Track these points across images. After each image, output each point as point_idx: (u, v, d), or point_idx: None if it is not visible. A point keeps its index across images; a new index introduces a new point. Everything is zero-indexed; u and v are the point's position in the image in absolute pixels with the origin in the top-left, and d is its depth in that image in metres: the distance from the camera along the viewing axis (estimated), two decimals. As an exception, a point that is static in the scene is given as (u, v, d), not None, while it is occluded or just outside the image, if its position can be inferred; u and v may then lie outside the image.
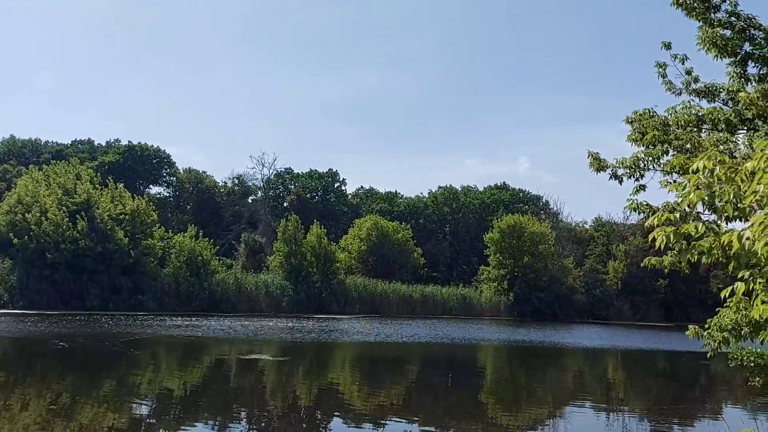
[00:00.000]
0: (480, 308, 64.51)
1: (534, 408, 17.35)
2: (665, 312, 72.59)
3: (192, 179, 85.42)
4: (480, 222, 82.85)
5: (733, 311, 8.63)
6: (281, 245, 57.18)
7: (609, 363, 30.31)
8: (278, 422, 13.66)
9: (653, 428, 15.16)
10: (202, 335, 31.34)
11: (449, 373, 23.68)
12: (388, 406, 15.99)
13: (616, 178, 9.78)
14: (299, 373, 21.79)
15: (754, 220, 3.05)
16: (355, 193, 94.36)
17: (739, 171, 3.38)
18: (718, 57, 9.00)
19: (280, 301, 53.45)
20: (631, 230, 79.49)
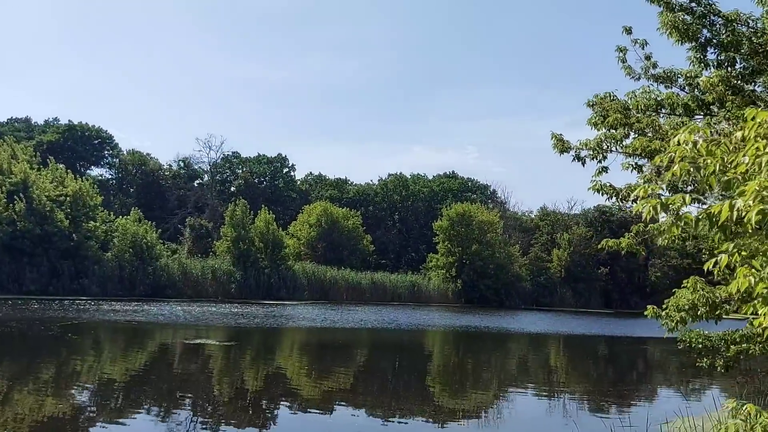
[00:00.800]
0: (428, 295, 65.26)
1: (479, 392, 17.71)
2: (605, 299, 75.05)
3: (136, 161, 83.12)
4: (429, 210, 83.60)
5: (690, 292, 8.99)
6: (229, 230, 56.38)
7: (552, 348, 31.16)
8: (224, 409, 13.54)
9: (592, 411, 15.69)
10: (146, 320, 30.70)
11: (397, 359, 23.91)
12: (335, 392, 16.04)
13: (579, 160, 9.97)
14: (246, 358, 21.61)
15: (747, 189, 3.14)
16: (304, 179, 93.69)
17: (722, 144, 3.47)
18: (679, 42, 9.24)
19: (227, 287, 52.79)
20: (575, 220, 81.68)
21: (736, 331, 9.45)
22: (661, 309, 9.52)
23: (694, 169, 3.48)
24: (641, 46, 10.06)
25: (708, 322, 9.17)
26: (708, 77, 8.85)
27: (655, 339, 35.10)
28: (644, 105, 9.62)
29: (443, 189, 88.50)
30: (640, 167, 9.83)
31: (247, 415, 13.11)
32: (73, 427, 11.34)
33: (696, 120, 9.54)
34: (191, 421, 12.14)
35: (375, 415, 13.88)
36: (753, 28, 8.90)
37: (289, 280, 56.26)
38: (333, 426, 12.50)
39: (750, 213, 3.00)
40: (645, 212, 3.77)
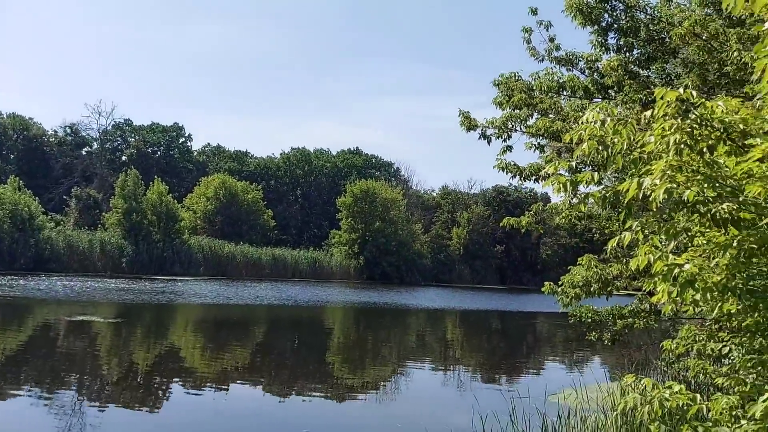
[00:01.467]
0: (330, 271, 65.30)
1: (378, 367, 17.90)
2: (500, 276, 78.30)
3: (17, 126, 76.94)
4: (332, 186, 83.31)
5: (585, 269, 9.39)
6: (119, 201, 53.56)
7: (449, 323, 32.06)
8: (112, 388, 12.85)
9: (487, 382, 16.27)
10: (22, 295, 28.63)
11: (296, 336, 23.72)
12: (231, 370, 15.65)
13: (485, 138, 10.09)
14: (136, 336, 20.66)
15: (655, 168, 3.19)
16: (201, 150, 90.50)
17: (629, 123, 3.51)
18: (583, 25, 9.48)
19: (117, 261, 50.33)
20: (474, 199, 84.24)
21: (625, 306, 10.03)
22: (557, 285, 9.91)
23: (602, 148, 3.53)
24: (546, 28, 10.28)
25: (600, 297, 9.66)
26: (608, 61, 9.18)
27: (545, 313, 36.98)
28: (547, 86, 9.87)
29: (347, 165, 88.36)
30: (542, 147, 10.11)
31: (137, 395, 12.52)
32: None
33: (594, 102, 9.90)
34: (77, 402, 11.42)
35: (273, 393, 13.68)
36: (650, 15, 9.30)
37: (184, 254, 54.43)
38: (229, 404, 12.18)
39: (657, 191, 3.06)
40: (555, 189, 3.81)
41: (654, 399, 3.47)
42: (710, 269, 3.37)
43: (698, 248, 3.64)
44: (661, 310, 8.06)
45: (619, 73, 8.86)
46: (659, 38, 9.03)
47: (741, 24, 7.50)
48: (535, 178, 9.49)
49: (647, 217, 3.64)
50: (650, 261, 3.43)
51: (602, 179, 3.86)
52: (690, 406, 3.50)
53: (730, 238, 3.23)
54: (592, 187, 3.97)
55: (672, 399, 3.49)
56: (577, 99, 9.96)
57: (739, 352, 4.63)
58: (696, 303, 3.51)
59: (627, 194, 3.30)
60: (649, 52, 9.14)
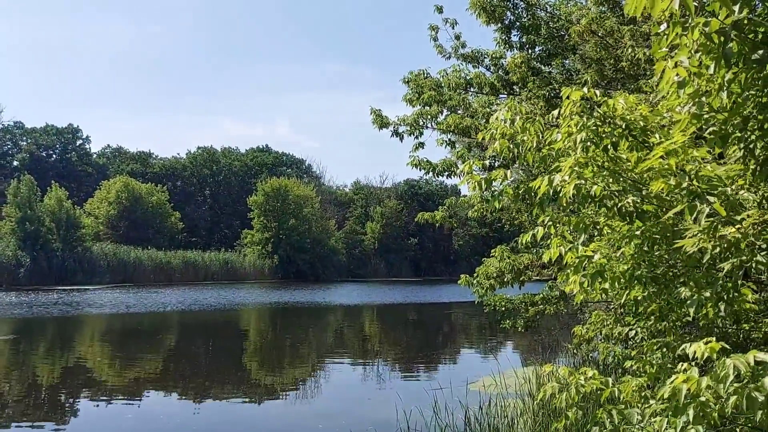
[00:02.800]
0: (244, 272, 64.08)
1: (296, 366, 17.74)
2: (415, 268, 79.59)
3: None
4: (242, 185, 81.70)
5: (498, 260, 9.65)
6: (12, 210, 50.15)
7: (366, 318, 32.22)
8: (14, 407, 12.02)
9: (404, 374, 16.46)
10: None
11: (210, 340, 23.11)
12: (143, 380, 15.04)
13: (398, 135, 10.16)
14: (37, 352, 19.43)
15: (564, 165, 3.30)
16: (101, 153, 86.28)
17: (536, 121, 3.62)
18: (487, 23, 9.71)
19: (13, 273, 47.17)
20: (387, 193, 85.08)
21: (536, 294, 10.42)
22: (472, 277, 10.16)
23: (513, 145, 3.64)
24: (451, 26, 10.48)
25: (513, 287, 9.99)
26: (513, 58, 9.48)
27: (459, 303, 37.87)
28: (455, 83, 10.07)
29: (257, 163, 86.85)
30: (453, 143, 10.31)
31: (42, 411, 11.81)
32: None
33: (501, 99, 10.20)
34: (-31, 429, 10.60)
35: (188, 399, 13.27)
36: (550, 13, 9.68)
37: (87, 262, 51.78)
38: (142, 414, 11.70)
39: (567, 188, 3.19)
40: (470, 187, 3.89)
41: (571, 386, 3.62)
42: (616, 259, 3.55)
43: (603, 239, 3.82)
44: (569, 296, 8.45)
45: (522, 69, 9.18)
46: (559, 35, 9.43)
47: (633, 22, 7.95)
48: (448, 173, 9.67)
49: (558, 213, 3.79)
50: (561, 253, 3.58)
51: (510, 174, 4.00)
52: (603, 390, 3.68)
53: (634, 229, 3.41)
54: (502, 183, 4.09)
55: (587, 384, 3.65)
56: (484, 95, 10.22)
57: (644, 335, 4.91)
58: (605, 291, 3.69)
59: (539, 191, 3.42)
60: (550, 49, 9.53)
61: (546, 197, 3.42)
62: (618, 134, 3.21)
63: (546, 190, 3.36)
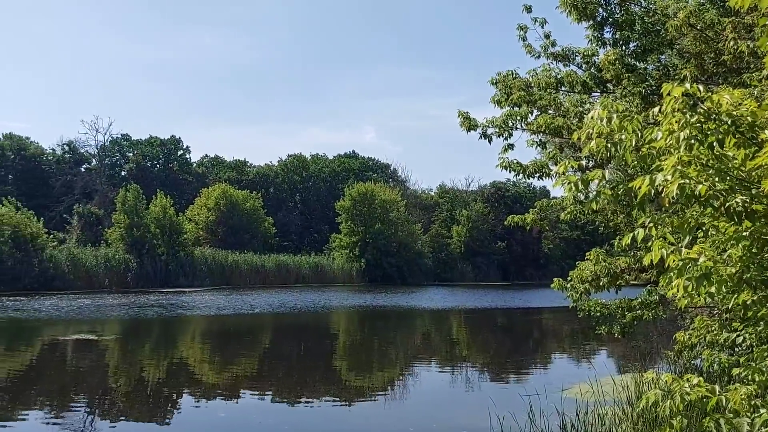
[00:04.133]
0: (332, 275, 65.32)
1: (385, 369, 17.90)
2: (503, 272, 78.31)
3: (13, 146, 76.94)
4: (330, 190, 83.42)
5: (593, 264, 9.38)
6: (121, 217, 53.58)
7: (453, 322, 32.05)
8: (122, 403, 12.85)
9: (493, 379, 16.26)
10: (29, 316, 28.60)
11: (302, 342, 23.71)
12: (240, 379, 15.66)
13: (486, 137, 10.05)
14: (144, 350, 20.67)
15: (666, 164, 3.21)
16: (200, 162, 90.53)
17: (634, 119, 3.53)
18: (578, 20, 9.49)
19: (122, 276, 50.32)
20: (473, 196, 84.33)
21: (634, 299, 10.04)
22: (564, 280, 9.92)
23: (611, 145, 3.54)
24: (541, 25, 10.29)
25: (609, 291, 9.67)
26: (606, 55, 9.19)
27: (550, 308, 36.96)
28: (545, 83, 9.87)
29: (344, 169, 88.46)
30: (543, 144, 10.11)
31: (147, 408, 12.53)
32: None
33: (593, 97, 9.92)
34: (87, 418, 11.43)
35: (281, 399, 13.69)
36: (645, 8, 9.32)
37: (189, 266, 54.44)
38: (239, 412, 12.19)
39: (670, 187, 3.08)
40: (566, 189, 3.83)
41: (675, 393, 3.48)
42: (723, 261, 3.39)
43: (708, 240, 3.66)
44: (669, 300, 8.08)
45: (616, 66, 8.88)
46: (655, 30, 9.05)
47: (736, 14, 7.53)
48: (539, 175, 9.50)
49: (660, 214, 3.65)
50: (663, 256, 3.45)
51: (607, 174, 3.87)
52: (709, 399, 3.52)
53: (743, 230, 3.25)
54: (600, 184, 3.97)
55: (693, 392, 3.50)
56: (576, 94, 9.97)
57: (753, 341, 4.64)
58: (711, 295, 3.53)
59: (639, 191, 3.32)
60: (645, 45, 9.15)
61: (647, 197, 3.31)
62: (724, 131, 3.07)
63: (647, 190, 3.25)
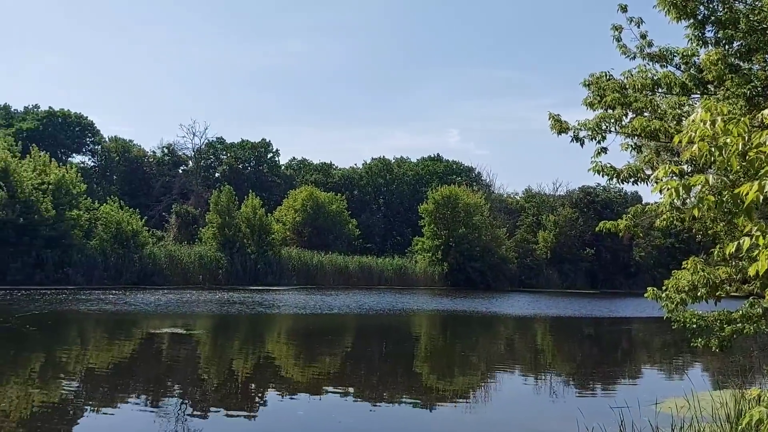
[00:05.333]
0: (415, 278, 65.40)
1: (467, 374, 17.78)
2: (591, 279, 75.75)
3: (119, 148, 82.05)
4: (414, 193, 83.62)
5: (690, 273, 8.97)
6: (214, 216, 56.01)
7: (538, 329, 31.39)
8: (213, 395, 13.47)
9: (578, 389, 15.82)
10: (129, 309, 30.42)
11: (384, 343, 23.93)
12: (323, 377, 16.02)
13: (578, 141, 9.79)
14: (233, 345, 21.53)
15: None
16: (288, 164, 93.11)
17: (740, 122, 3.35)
18: (677, 19, 9.09)
19: (215, 273, 52.54)
20: (560, 201, 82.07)
21: (735, 311, 9.50)
22: (661, 290, 9.52)
23: (714, 149, 3.38)
24: (637, 25, 9.91)
25: (707, 302, 9.20)
26: (707, 55, 8.73)
27: (640, 318, 35.48)
28: (641, 84, 9.47)
29: (428, 172, 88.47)
30: (639, 147, 9.70)
31: (236, 401, 13.07)
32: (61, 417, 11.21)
33: (693, 99, 9.46)
34: (180, 408, 12.07)
35: (363, 399, 13.89)
36: (750, 5, 8.81)
37: (276, 265, 56.11)
38: (322, 409, 12.48)
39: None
40: (666, 194, 3.68)
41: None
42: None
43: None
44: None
45: (719, 67, 8.40)
46: (761, 29, 8.52)
47: None
48: (634, 179, 9.15)
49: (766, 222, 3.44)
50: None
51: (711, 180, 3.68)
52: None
53: None
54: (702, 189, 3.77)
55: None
56: (674, 96, 9.52)
57: None
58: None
59: (746, 197, 3.15)
60: (750, 44, 8.62)
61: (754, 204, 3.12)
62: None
63: (755, 196, 3.07)
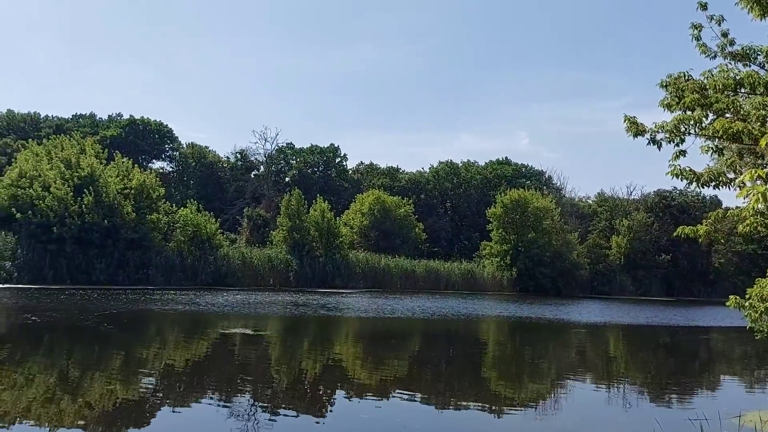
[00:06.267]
0: (483, 283, 64.84)
1: (536, 381, 17.51)
2: (667, 287, 72.94)
3: (195, 154, 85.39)
4: (482, 197, 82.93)
5: None
6: (284, 220, 57.37)
7: (610, 338, 30.51)
8: (282, 395, 13.84)
9: (653, 401, 15.32)
10: (205, 309, 31.54)
11: (451, 348, 23.87)
12: (390, 380, 16.16)
13: (655, 143, 9.52)
14: (302, 347, 22.00)
15: None
16: (355, 169, 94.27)
17: None
18: (762, 16, 8.72)
19: (285, 275, 53.80)
20: (635, 205, 79.41)
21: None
22: (744, 299, 9.15)
23: None
24: (717, 23, 9.54)
25: None
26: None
27: (718, 328, 33.87)
28: (722, 84, 9.10)
29: (496, 176, 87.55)
30: (720, 150, 9.33)
31: (305, 401, 13.38)
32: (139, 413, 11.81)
33: None
34: (252, 406, 12.47)
35: (430, 403, 13.93)
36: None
37: (344, 268, 56.89)
38: (389, 412, 12.61)
39: None
40: (753, 199, 3.59)
41: None
42: None
43: None
44: None
45: (808, 66, 8.01)
46: None
47: None
48: (714, 183, 8.82)
49: None
50: None
51: None
52: None
53: None
54: None
55: None
56: (758, 96, 9.11)
57: None
58: None
59: None
60: (840, 42, 8.16)
61: None
62: None
63: None
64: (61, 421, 10.66)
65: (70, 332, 21.81)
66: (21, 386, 12.85)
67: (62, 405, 11.59)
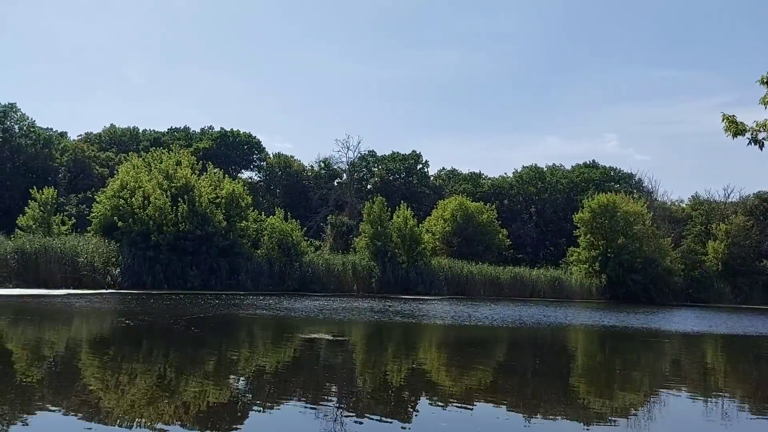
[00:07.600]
0: (570, 290, 63.14)
1: (626, 392, 16.90)
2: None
3: (281, 164, 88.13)
4: (568, 202, 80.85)
5: None
6: (367, 227, 58.13)
7: (708, 348, 28.98)
8: (367, 400, 14.05)
9: (755, 416, 14.46)
10: (290, 314, 32.40)
11: (537, 357, 23.42)
12: (474, 388, 16.05)
13: (756, 143, 9.08)
14: (387, 353, 22.21)
15: None
16: (437, 175, 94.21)
17: None
18: None
19: (368, 281, 54.49)
20: (733, 208, 75.15)
21: None
22: None
23: None
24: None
25: None
26: None
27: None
28: None
29: (583, 179, 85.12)
30: None
31: (390, 407, 13.52)
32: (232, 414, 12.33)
33: None
34: (338, 412, 12.74)
35: (517, 413, 13.74)
36: None
37: (427, 275, 56.95)
38: (474, 421, 12.55)
39: None
40: None
41: None
42: None
43: None
44: None
45: None
46: None
47: None
48: None
49: None
50: None
51: None
52: None
53: None
54: None
55: None
56: None
57: None
58: None
59: None
60: None
61: None
62: None
63: None
64: (161, 419, 11.30)
65: (161, 336, 23.04)
66: (123, 386, 13.73)
67: (160, 406, 12.29)
